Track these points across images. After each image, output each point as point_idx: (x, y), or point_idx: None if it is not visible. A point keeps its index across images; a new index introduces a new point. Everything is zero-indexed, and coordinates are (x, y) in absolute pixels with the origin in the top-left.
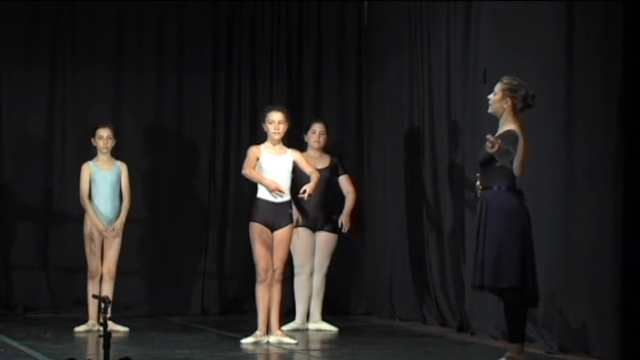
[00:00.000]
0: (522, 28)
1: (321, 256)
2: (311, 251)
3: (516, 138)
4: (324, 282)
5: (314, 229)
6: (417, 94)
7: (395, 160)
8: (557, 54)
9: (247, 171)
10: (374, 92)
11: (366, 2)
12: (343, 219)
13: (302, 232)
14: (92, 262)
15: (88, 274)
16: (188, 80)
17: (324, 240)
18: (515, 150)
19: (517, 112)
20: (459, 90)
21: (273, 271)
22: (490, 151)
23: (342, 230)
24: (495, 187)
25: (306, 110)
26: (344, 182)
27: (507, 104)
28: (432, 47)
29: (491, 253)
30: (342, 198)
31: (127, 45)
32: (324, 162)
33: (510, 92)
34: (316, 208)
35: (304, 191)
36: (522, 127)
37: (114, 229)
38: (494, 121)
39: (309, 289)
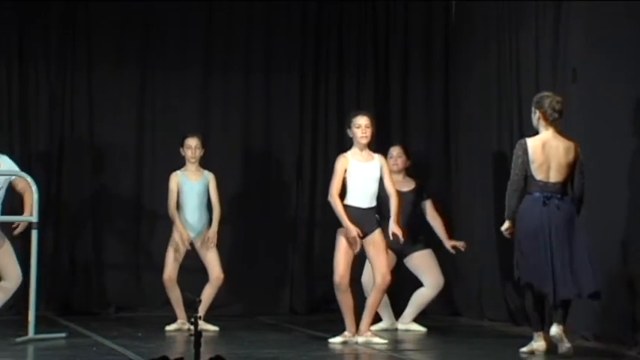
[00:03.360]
0: (612, 27)
1: (434, 273)
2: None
3: (521, 146)
4: (434, 295)
5: (397, 252)
6: (505, 95)
7: (483, 160)
8: None
9: (333, 200)
10: (461, 92)
11: (454, 2)
12: (447, 245)
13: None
14: (169, 268)
15: (164, 278)
16: (275, 82)
17: (422, 259)
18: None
19: (549, 122)
20: (547, 90)
21: (382, 277)
22: None
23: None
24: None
25: (393, 110)
26: (428, 208)
27: (536, 115)
28: (520, 47)
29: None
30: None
31: (215, 47)
32: (408, 185)
33: (537, 105)
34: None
35: (395, 236)
36: (554, 133)
37: (209, 239)
38: (583, 121)
39: (386, 296)
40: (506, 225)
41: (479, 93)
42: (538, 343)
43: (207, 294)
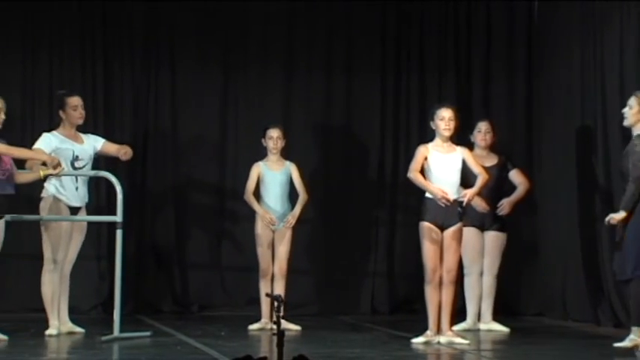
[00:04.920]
0: None
1: (492, 256)
2: (479, 251)
3: None
4: (495, 282)
5: (482, 228)
6: (588, 95)
7: (566, 159)
8: None
9: (413, 174)
10: (544, 92)
11: (536, 2)
12: (505, 201)
13: (469, 232)
14: (263, 261)
15: (260, 273)
16: (357, 80)
17: (494, 240)
18: None
19: None
20: (633, 90)
21: (447, 272)
22: None
23: (499, 212)
24: None
25: (475, 110)
26: (515, 176)
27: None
28: (604, 46)
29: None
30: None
31: (297, 45)
32: (492, 160)
33: None
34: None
35: (464, 195)
36: None
37: (288, 220)
38: None
39: (479, 289)
40: (622, 215)
41: (562, 93)
42: None
43: (279, 289)
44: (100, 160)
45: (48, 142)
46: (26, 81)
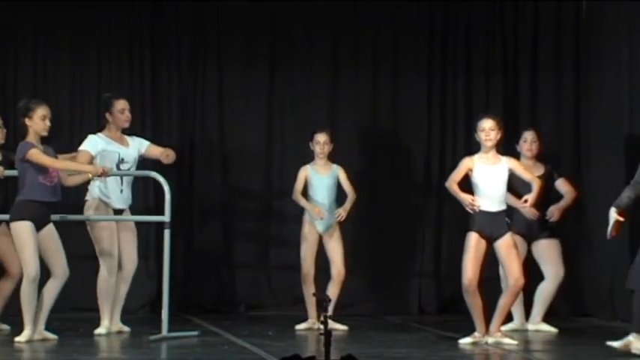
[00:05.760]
0: None
1: (554, 264)
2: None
3: None
4: (555, 290)
5: (528, 238)
6: (637, 93)
7: (614, 161)
8: None
9: (449, 184)
10: (592, 93)
11: (584, 2)
12: (554, 208)
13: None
14: (305, 264)
15: (301, 278)
16: (403, 81)
17: (548, 247)
18: None
19: None
20: None
21: (514, 280)
22: None
23: (548, 219)
24: None
25: (523, 112)
26: (561, 185)
27: None
28: None
29: None
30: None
31: (343, 46)
32: (538, 170)
33: None
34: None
35: (525, 201)
36: None
37: (339, 214)
38: None
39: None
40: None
41: (610, 93)
42: None
43: (332, 292)
44: (146, 162)
45: (94, 144)
46: (75, 81)
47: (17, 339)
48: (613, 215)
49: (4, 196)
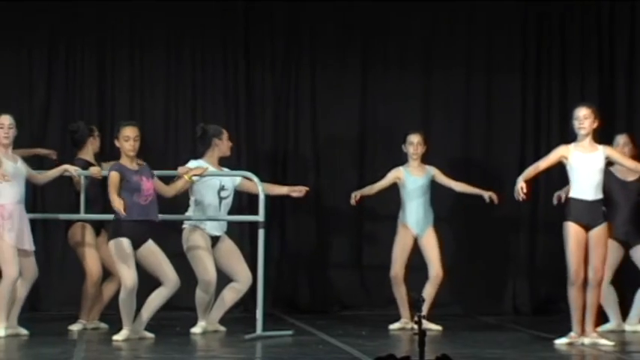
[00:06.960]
0: None
1: None
2: (613, 262)
3: None
4: None
5: (624, 243)
6: None
7: None
8: None
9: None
10: None
11: None
12: None
13: (612, 244)
14: (396, 265)
15: (391, 278)
16: (497, 80)
17: None
18: None
19: None
20: None
21: (594, 272)
22: None
23: None
24: None
25: (619, 113)
26: None
27: None
28: None
29: None
30: None
31: (437, 45)
32: (633, 174)
33: None
34: (627, 222)
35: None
36: None
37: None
38: None
39: (614, 293)
40: None
41: None
42: None
43: (428, 293)
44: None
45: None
46: (169, 84)
47: (115, 337)
48: None
49: (103, 202)
